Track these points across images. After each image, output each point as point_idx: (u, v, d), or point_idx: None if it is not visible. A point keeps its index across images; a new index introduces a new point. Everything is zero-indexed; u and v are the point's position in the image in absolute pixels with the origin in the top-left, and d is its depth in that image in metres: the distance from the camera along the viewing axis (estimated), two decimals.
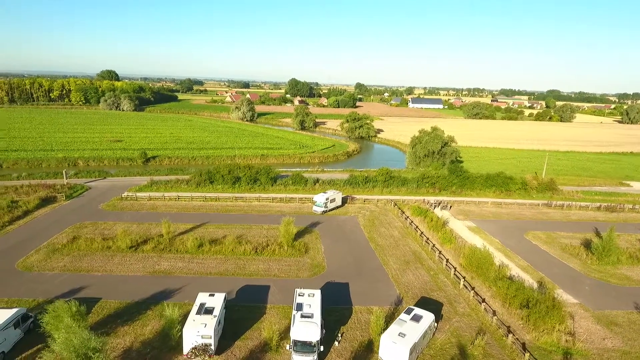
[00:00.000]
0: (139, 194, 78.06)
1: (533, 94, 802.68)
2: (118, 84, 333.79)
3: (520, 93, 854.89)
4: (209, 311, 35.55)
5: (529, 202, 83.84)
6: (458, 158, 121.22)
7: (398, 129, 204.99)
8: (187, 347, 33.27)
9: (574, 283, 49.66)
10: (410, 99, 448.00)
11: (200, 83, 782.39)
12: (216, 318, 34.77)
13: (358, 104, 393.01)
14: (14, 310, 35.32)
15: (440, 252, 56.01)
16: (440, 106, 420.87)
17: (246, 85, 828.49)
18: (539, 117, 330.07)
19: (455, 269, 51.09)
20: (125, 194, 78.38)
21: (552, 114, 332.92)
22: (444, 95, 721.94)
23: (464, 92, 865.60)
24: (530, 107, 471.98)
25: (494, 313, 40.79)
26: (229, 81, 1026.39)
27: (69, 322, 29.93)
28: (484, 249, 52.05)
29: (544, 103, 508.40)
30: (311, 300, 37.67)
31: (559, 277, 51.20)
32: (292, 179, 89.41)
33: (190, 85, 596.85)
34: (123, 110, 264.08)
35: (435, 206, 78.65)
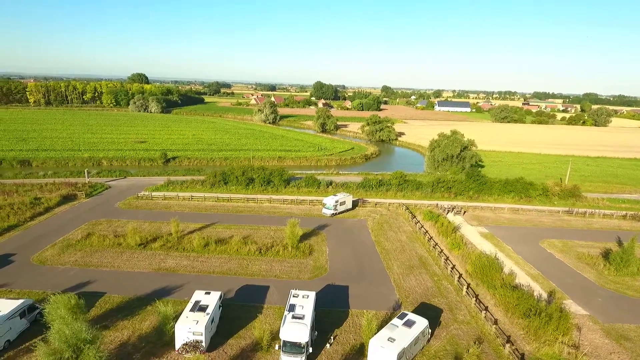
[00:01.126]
0: (154, 194, 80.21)
1: (568, 97, 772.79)
2: (147, 86, 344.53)
3: (554, 96, 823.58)
4: (203, 309, 36.15)
5: (548, 208, 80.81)
6: (478, 162, 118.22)
7: (421, 132, 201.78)
8: (178, 343, 33.96)
9: (586, 294, 47.43)
10: (436, 102, 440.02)
11: (228, 86, 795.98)
12: (209, 316, 35.27)
13: (383, 106, 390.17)
14: (20, 301, 37.09)
15: (447, 258, 54.74)
16: (468, 109, 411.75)
17: (272, 88, 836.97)
18: (571, 121, 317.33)
19: (460, 275, 49.85)
20: (142, 193, 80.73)
21: (586, 118, 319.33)
22: (473, 98, 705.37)
23: (494, 96, 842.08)
24: (564, 111, 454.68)
25: (495, 321, 39.44)
26: (256, 84, 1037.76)
27: (63, 313, 31.02)
28: (492, 255, 50.62)
29: (578, 107, 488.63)
30: (304, 301, 37.59)
31: (571, 287, 49.04)
32: (305, 181, 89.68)
33: (217, 88, 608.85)
34: (150, 112, 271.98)
35: (448, 211, 76.96)
